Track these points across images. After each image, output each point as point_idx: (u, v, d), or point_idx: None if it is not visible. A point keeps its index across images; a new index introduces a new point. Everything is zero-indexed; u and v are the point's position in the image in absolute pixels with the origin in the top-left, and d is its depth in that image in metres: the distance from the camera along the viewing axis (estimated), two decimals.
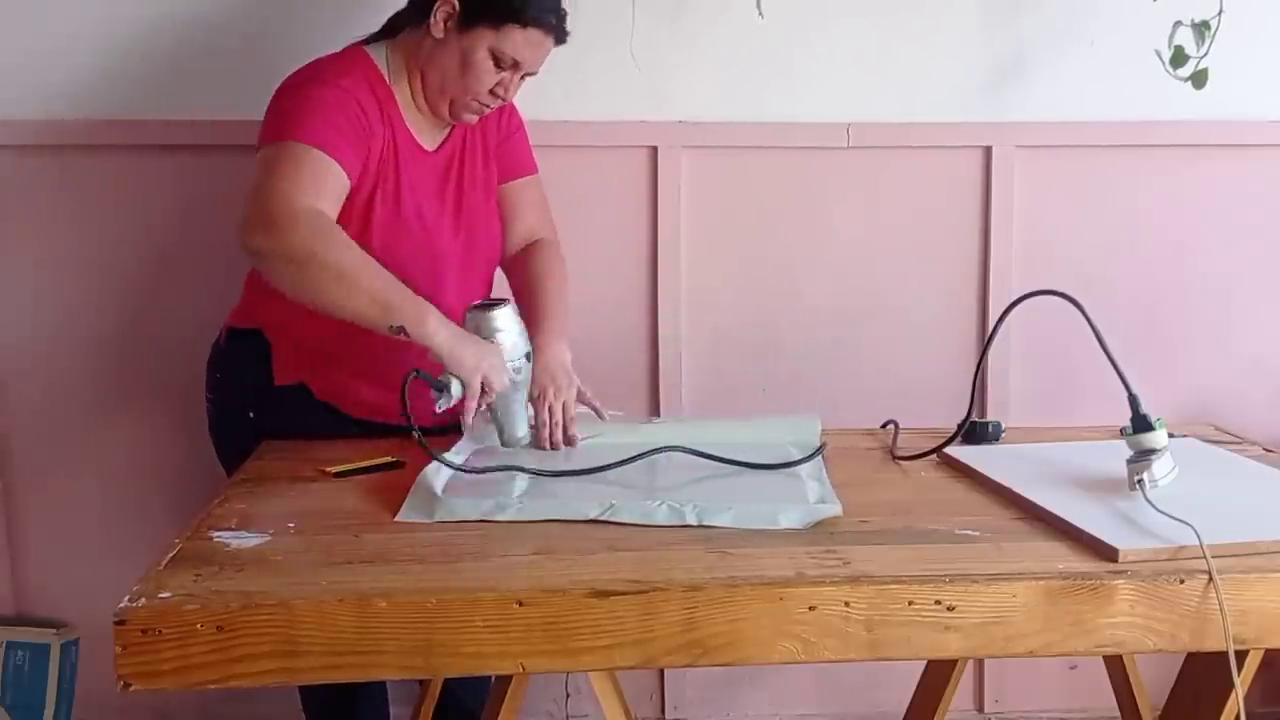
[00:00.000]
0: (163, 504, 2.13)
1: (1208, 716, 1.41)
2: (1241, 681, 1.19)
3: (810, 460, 1.52)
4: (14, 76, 2.03)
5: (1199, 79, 1.92)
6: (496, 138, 1.81)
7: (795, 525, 1.29)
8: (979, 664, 2.27)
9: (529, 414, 1.62)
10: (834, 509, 1.32)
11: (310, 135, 1.54)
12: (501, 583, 1.13)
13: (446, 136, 1.75)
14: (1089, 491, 1.39)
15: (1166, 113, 2.11)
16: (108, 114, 2.04)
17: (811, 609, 1.13)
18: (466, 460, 1.54)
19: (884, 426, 1.73)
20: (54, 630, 2.15)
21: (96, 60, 2.04)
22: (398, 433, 1.68)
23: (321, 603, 1.10)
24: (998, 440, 1.67)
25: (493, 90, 1.65)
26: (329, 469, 1.50)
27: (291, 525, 1.31)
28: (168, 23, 2.03)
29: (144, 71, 2.04)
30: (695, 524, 1.29)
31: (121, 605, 1.08)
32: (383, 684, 1.87)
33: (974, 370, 1.64)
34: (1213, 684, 1.42)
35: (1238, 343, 2.23)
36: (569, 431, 1.63)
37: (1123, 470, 1.36)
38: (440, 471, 1.45)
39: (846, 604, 1.13)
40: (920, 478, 1.52)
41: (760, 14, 2.00)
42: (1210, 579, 1.15)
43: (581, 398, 1.68)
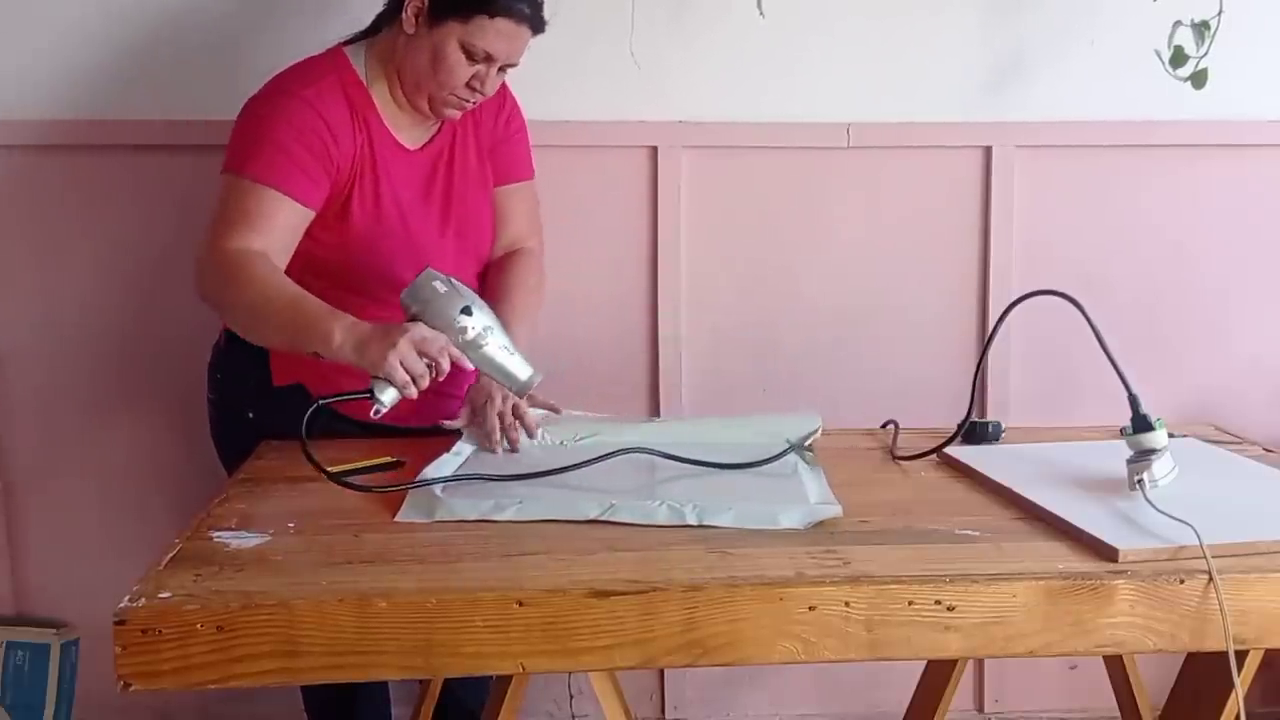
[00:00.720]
0: (163, 504, 2.13)
1: (1208, 716, 1.41)
2: (1241, 681, 1.19)
3: (780, 458, 1.52)
4: (14, 76, 2.03)
5: (1199, 79, 1.92)
6: (492, 138, 1.80)
7: (795, 525, 1.29)
8: (979, 664, 2.28)
9: (515, 356, 1.49)
10: (834, 510, 1.32)
11: (258, 169, 1.56)
12: (501, 583, 1.13)
13: (434, 134, 1.74)
14: (1089, 491, 1.38)
15: (1166, 113, 2.11)
16: (105, 114, 2.04)
17: (811, 609, 1.12)
18: (466, 461, 1.54)
19: (884, 426, 1.73)
20: (54, 630, 2.15)
21: (96, 60, 2.04)
22: (394, 434, 1.68)
23: (321, 603, 1.10)
24: (998, 440, 1.67)
25: (469, 84, 1.63)
26: (328, 469, 1.50)
27: (291, 525, 1.31)
28: (167, 22, 2.03)
29: (144, 71, 2.05)
30: (695, 524, 1.29)
31: (121, 605, 1.08)
32: (384, 684, 1.87)
33: (974, 370, 1.64)
34: (1212, 684, 1.42)
35: (1238, 343, 2.23)
36: (526, 423, 1.59)
37: (1123, 470, 1.36)
38: (440, 471, 1.45)
39: (846, 604, 1.13)
40: (920, 478, 1.52)
41: (761, 13, 2.00)
42: (1210, 579, 1.15)
43: (532, 400, 1.64)
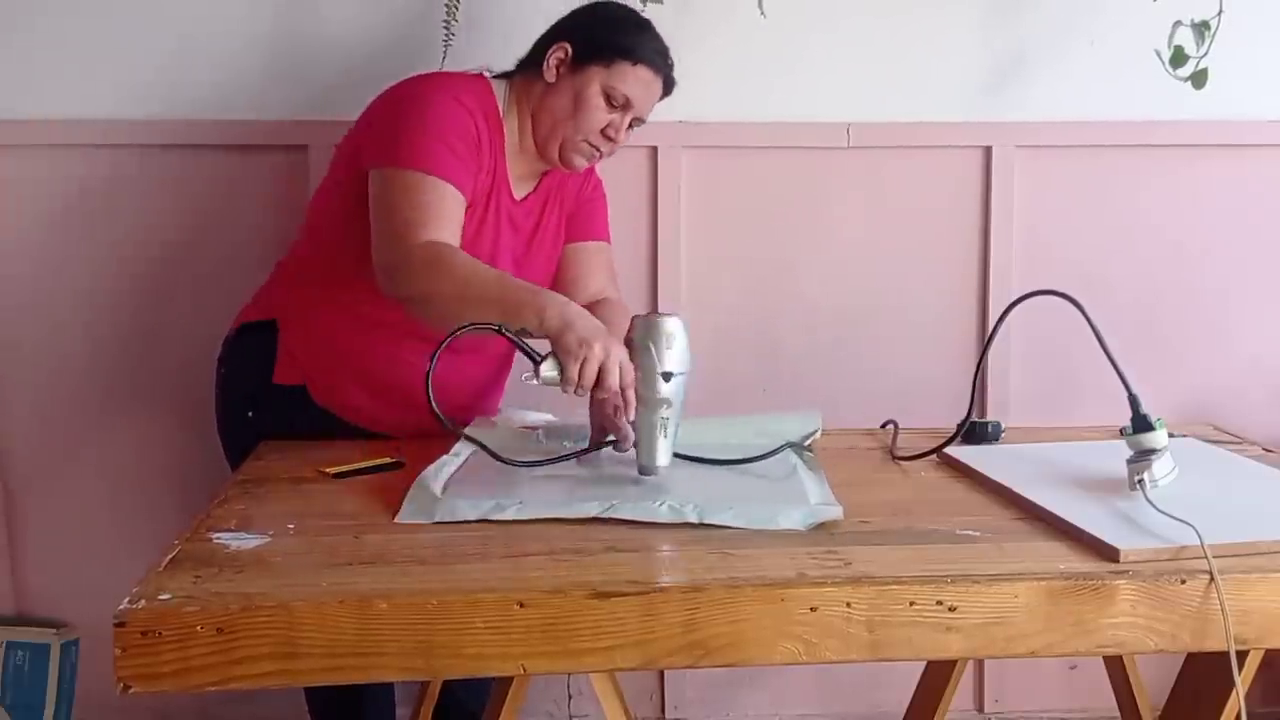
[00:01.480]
0: (163, 504, 2.13)
1: (1208, 717, 1.41)
2: (1242, 681, 1.19)
3: (777, 454, 1.51)
4: (14, 76, 2.03)
5: (1199, 79, 1.92)
6: (575, 201, 1.83)
7: (796, 526, 1.29)
8: (979, 664, 2.27)
9: (667, 441, 1.45)
10: (835, 511, 1.32)
11: (425, 160, 1.56)
12: (502, 584, 1.13)
13: (534, 189, 1.77)
14: (1089, 491, 1.38)
15: (1166, 113, 2.11)
16: (108, 114, 2.04)
17: (813, 610, 1.12)
18: (465, 461, 1.54)
19: (884, 426, 1.73)
20: (54, 630, 2.14)
21: (97, 59, 2.04)
22: (392, 439, 1.69)
23: (321, 604, 1.09)
24: (998, 440, 1.67)
25: (604, 131, 1.68)
26: (328, 469, 1.50)
27: (291, 526, 1.31)
28: (170, 21, 2.03)
29: (149, 71, 2.04)
30: (696, 522, 1.29)
31: (121, 607, 1.08)
32: (390, 684, 1.87)
33: (974, 370, 1.64)
34: (1213, 684, 1.42)
35: (1238, 343, 2.23)
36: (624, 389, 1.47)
37: (1123, 470, 1.36)
38: (439, 472, 1.45)
39: (848, 605, 1.13)
40: (920, 478, 1.52)
41: (762, 13, 2.00)
42: (1211, 579, 1.15)
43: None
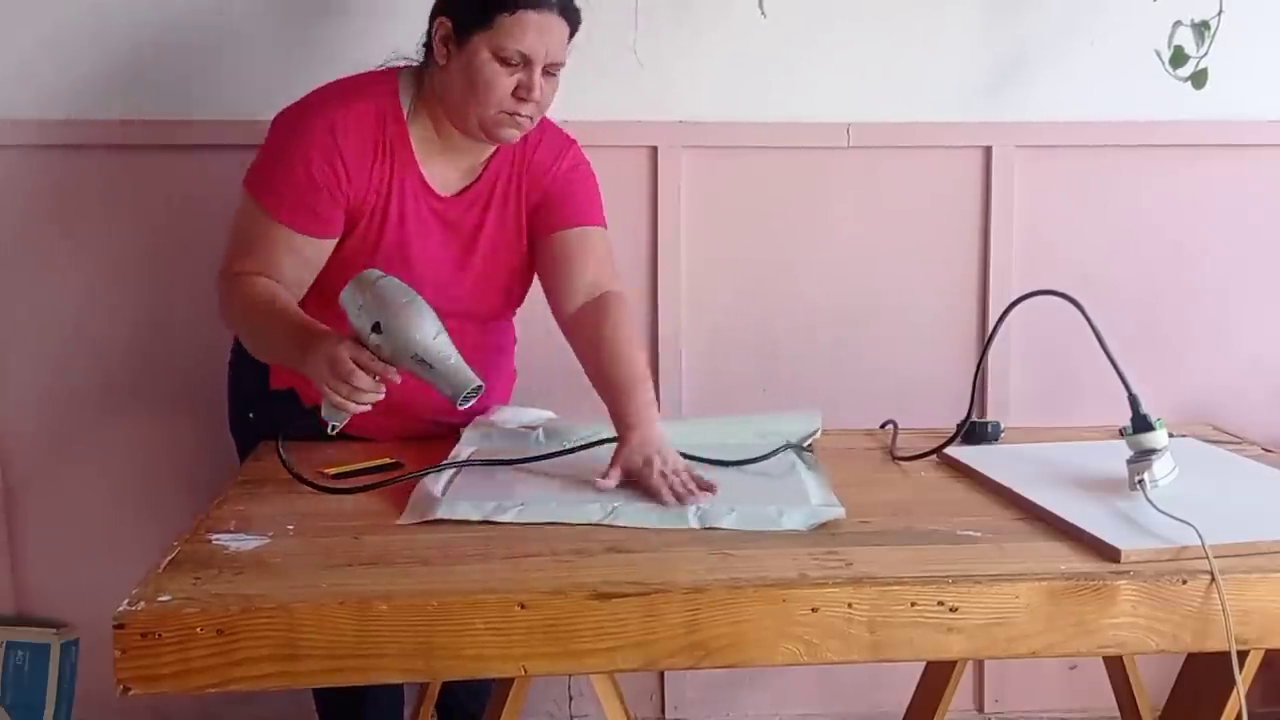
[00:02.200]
0: (163, 504, 2.13)
1: (1208, 717, 1.41)
2: (1243, 681, 1.19)
3: (777, 454, 1.51)
4: (14, 76, 2.03)
5: (1199, 79, 1.92)
6: (546, 185, 1.70)
7: (798, 527, 1.29)
8: (979, 664, 2.27)
9: (447, 352, 1.35)
10: (837, 511, 1.32)
11: (270, 200, 1.57)
12: (503, 585, 1.13)
13: (474, 181, 1.67)
14: (1090, 491, 1.38)
15: (1166, 113, 2.11)
16: (109, 114, 2.04)
17: (814, 610, 1.12)
18: (468, 457, 1.53)
19: (883, 426, 1.72)
20: (54, 630, 2.14)
21: (97, 60, 2.03)
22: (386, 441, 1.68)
23: (321, 605, 1.09)
24: (997, 440, 1.67)
25: (515, 95, 1.55)
26: (328, 470, 1.50)
27: (291, 527, 1.31)
28: (170, 22, 2.03)
29: (146, 72, 2.04)
30: (698, 526, 1.29)
31: (121, 609, 1.08)
32: (398, 684, 1.87)
33: (974, 370, 1.64)
34: (1213, 684, 1.42)
35: (1238, 343, 2.23)
36: (699, 484, 1.41)
37: (1123, 470, 1.36)
38: (440, 476, 1.45)
39: (849, 605, 1.13)
40: (920, 478, 1.52)
41: (763, 13, 2.00)
42: (1212, 579, 1.15)
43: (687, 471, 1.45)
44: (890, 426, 1.70)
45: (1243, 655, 1.17)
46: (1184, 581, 1.15)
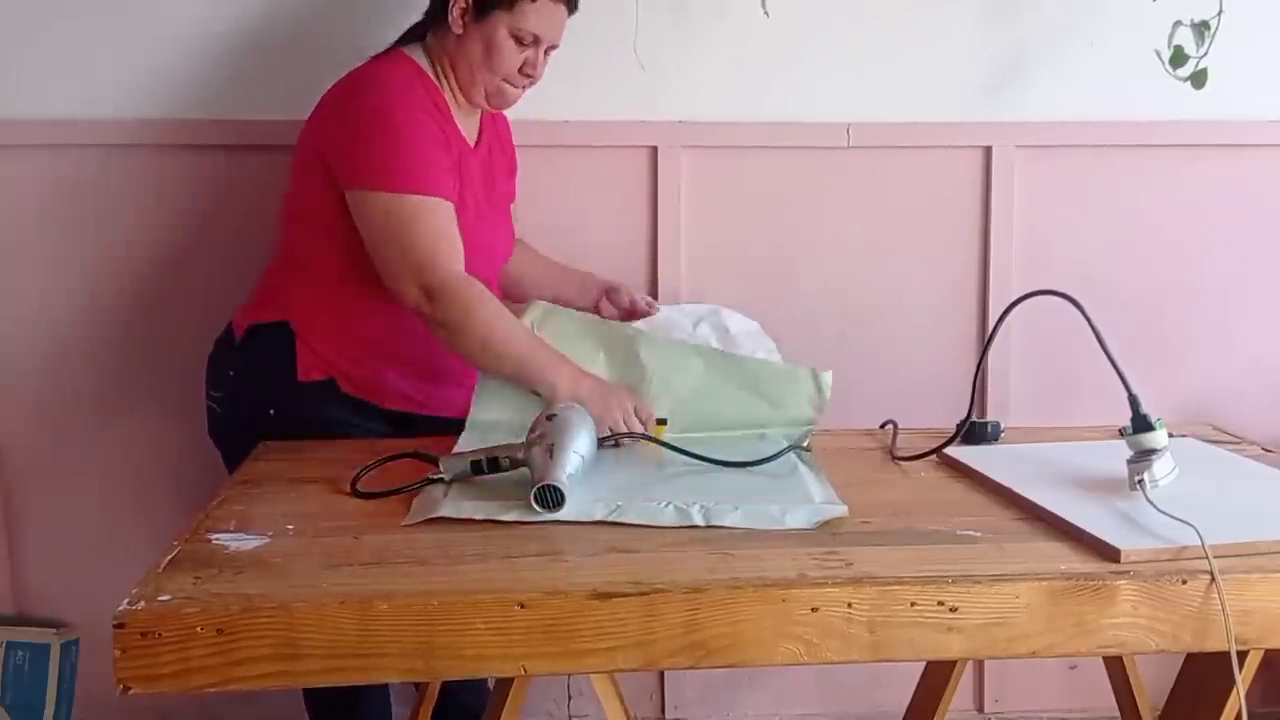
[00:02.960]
0: (163, 504, 2.13)
1: (1208, 717, 1.41)
2: (1243, 681, 1.19)
3: (780, 456, 1.52)
4: (14, 76, 2.03)
5: (1199, 79, 1.92)
6: (510, 145, 1.92)
7: (802, 525, 1.29)
8: (979, 664, 2.27)
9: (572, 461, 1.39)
10: (840, 509, 1.32)
11: (421, 183, 1.62)
12: (503, 584, 1.13)
13: (480, 134, 1.83)
14: (1089, 491, 1.38)
15: (1166, 113, 2.11)
16: (105, 114, 2.04)
17: (814, 610, 1.12)
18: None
19: (883, 426, 1.72)
20: (54, 630, 2.14)
21: (95, 59, 2.03)
22: (419, 425, 1.71)
23: (322, 605, 1.09)
24: (997, 440, 1.67)
25: (522, 70, 1.72)
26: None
27: (291, 527, 1.31)
28: (169, 20, 2.03)
29: (145, 70, 2.04)
30: (702, 524, 1.29)
31: (120, 608, 1.08)
32: (386, 684, 1.87)
33: (974, 370, 1.64)
34: (1213, 684, 1.42)
35: (1238, 343, 2.23)
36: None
37: (1123, 470, 1.36)
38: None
39: (849, 605, 1.13)
40: (920, 478, 1.52)
41: (765, 12, 2.00)
42: (1212, 579, 1.15)
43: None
44: (890, 426, 1.70)
45: (1243, 655, 1.17)
46: (1184, 581, 1.15)
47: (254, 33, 2.04)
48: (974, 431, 1.65)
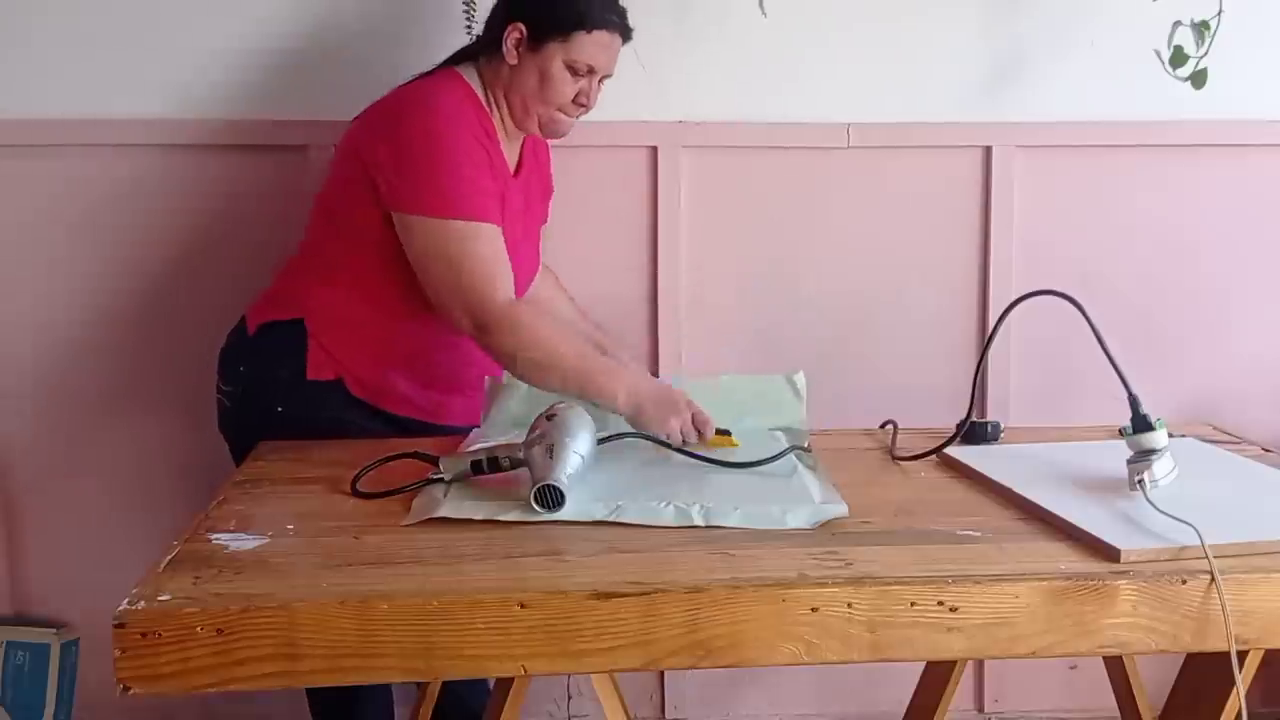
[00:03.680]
0: (163, 504, 2.13)
1: (1208, 717, 1.41)
2: (1243, 681, 1.19)
3: (788, 454, 1.52)
4: (15, 76, 2.03)
5: (1199, 79, 1.92)
6: (548, 172, 1.95)
7: (803, 525, 1.29)
8: (979, 664, 2.27)
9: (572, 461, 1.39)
10: (840, 509, 1.32)
11: (468, 208, 1.63)
12: (503, 584, 1.13)
13: (520, 161, 1.83)
14: (1089, 492, 1.38)
15: (1166, 113, 2.11)
16: (110, 113, 2.04)
17: (814, 610, 1.12)
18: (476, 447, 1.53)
19: (883, 427, 1.72)
20: (54, 630, 2.14)
21: (99, 59, 2.03)
22: (428, 433, 1.71)
23: (322, 605, 1.09)
24: (997, 440, 1.67)
25: (575, 100, 1.73)
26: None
27: (291, 527, 1.31)
28: (175, 20, 2.03)
29: (150, 70, 2.04)
30: (702, 524, 1.29)
31: (120, 608, 1.08)
32: (387, 684, 1.87)
33: (974, 370, 1.64)
34: (1212, 684, 1.42)
35: (1238, 343, 2.23)
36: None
37: (1123, 470, 1.36)
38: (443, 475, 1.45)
39: (849, 605, 1.13)
40: (920, 478, 1.52)
41: (764, 13, 2.00)
42: (1212, 579, 1.15)
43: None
44: (890, 426, 1.70)
45: (1243, 655, 1.17)
46: (1184, 581, 1.15)
47: (267, 32, 2.04)
48: (974, 431, 1.65)
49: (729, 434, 1.61)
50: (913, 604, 1.13)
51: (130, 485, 2.15)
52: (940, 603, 1.13)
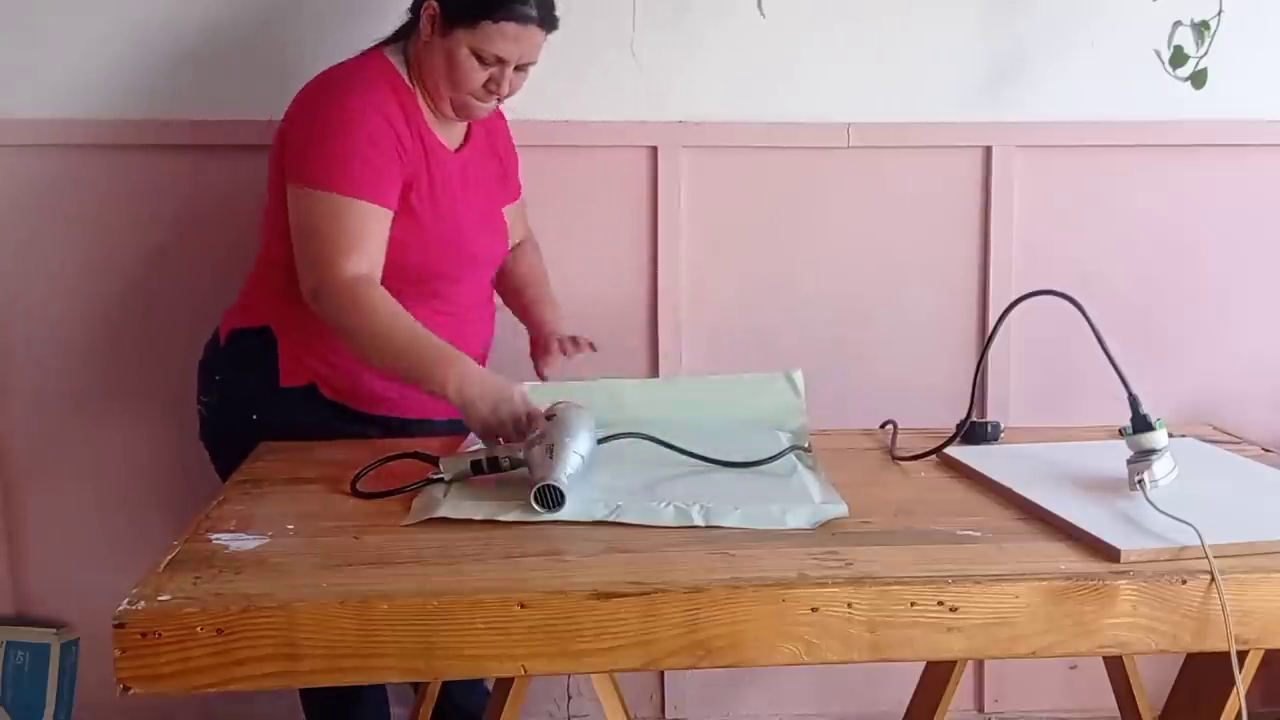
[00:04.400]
0: (163, 504, 2.13)
1: (1208, 717, 1.41)
2: (1243, 681, 1.19)
3: (781, 457, 1.51)
4: (10, 76, 2.03)
5: (1198, 79, 1.92)
6: (507, 155, 1.89)
7: (803, 525, 1.29)
8: (979, 664, 2.28)
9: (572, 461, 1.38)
10: (840, 509, 1.32)
11: (350, 184, 1.58)
12: (503, 584, 1.13)
13: (465, 136, 1.79)
14: (1089, 491, 1.38)
15: (1166, 113, 2.11)
16: (100, 114, 2.04)
17: (814, 610, 1.12)
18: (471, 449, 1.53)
19: (883, 427, 1.72)
20: (54, 630, 2.15)
21: (90, 60, 2.03)
22: (408, 429, 1.69)
23: (322, 605, 1.09)
24: (997, 440, 1.67)
25: (485, 87, 1.67)
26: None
27: (291, 527, 1.31)
28: (162, 22, 2.03)
29: (137, 71, 2.04)
30: (702, 524, 1.29)
31: (120, 608, 1.08)
32: (383, 684, 1.87)
33: (974, 370, 1.64)
34: (1212, 684, 1.42)
35: (1238, 343, 2.23)
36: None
37: (1123, 470, 1.36)
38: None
39: (849, 605, 1.13)
40: (920, 478, 1.52)
41: (762, 13, 2.00)
42: (1212, 579, 1.15)
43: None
44: (890, 426, 1.70)
45: (1242, 655, 1.17)
46: (1184, 581, 1.15)
47: (237, 33, 2.03)
48: (974, 431, 1.65)
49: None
50: (913, 604, 1.13)
51: (131, 486, 2.15)
52: (940, 603, 1.13)
